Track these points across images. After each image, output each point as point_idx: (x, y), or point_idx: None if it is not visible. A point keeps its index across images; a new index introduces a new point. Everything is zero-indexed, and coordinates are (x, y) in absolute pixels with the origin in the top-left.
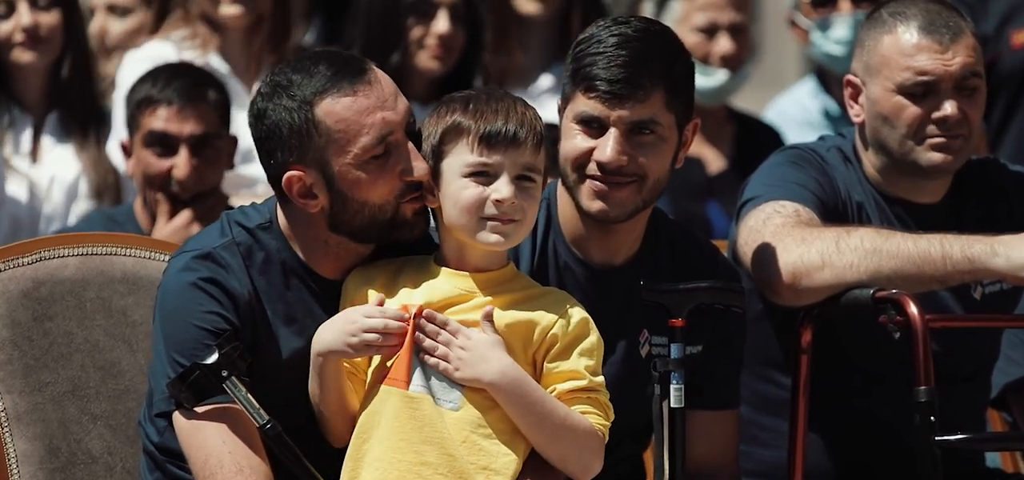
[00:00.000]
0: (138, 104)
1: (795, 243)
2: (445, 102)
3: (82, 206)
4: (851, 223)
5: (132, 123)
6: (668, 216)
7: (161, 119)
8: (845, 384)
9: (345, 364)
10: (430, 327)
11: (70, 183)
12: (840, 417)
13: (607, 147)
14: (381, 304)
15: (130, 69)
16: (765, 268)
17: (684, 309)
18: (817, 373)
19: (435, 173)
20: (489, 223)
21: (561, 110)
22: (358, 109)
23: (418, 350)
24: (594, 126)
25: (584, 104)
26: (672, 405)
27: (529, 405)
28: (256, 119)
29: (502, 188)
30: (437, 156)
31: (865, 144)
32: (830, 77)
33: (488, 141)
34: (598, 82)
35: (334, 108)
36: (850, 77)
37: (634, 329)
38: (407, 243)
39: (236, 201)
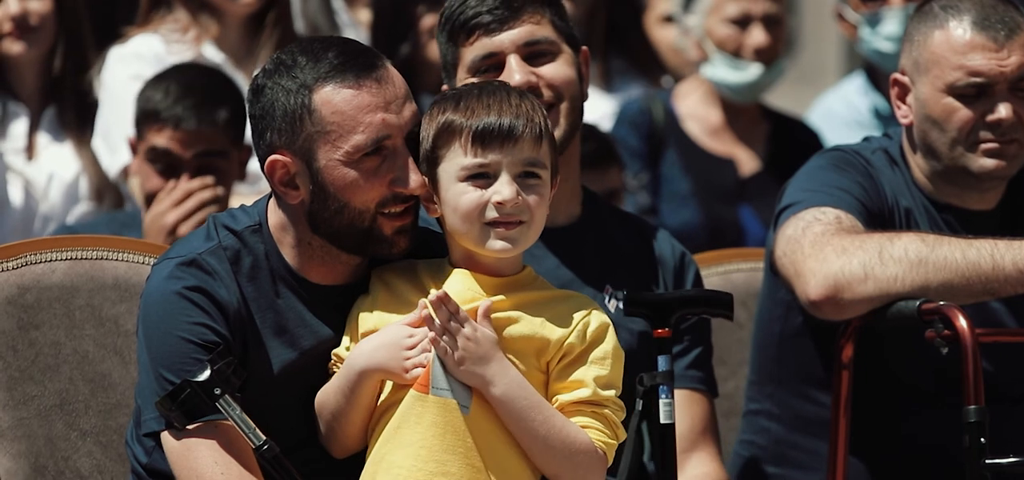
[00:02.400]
0: (146, 114)
1: (835, 253)
2: (437, 101)
3: (82, 208)
4: (899, 230)
5: (139, 128)
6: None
7: (166, 138)
8: (889, 402)
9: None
10: (443, 314)
11: (69, 182)
12: (883, 438)
13: (513, 73)
14: (422, 316)
15: (114, 65)
16: (804, 280)
17: (669, 319)
18: (859, 391)
19: (433, 179)
20: (493, 229)
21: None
22: (358, 104)
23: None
24: (491, 67)
25: (472, 50)
26: (661, 421)
27: (521, 412)
28: (253, 95)
29: (502, 189)
30: (432, 162)
31: (913, 147)
32: (880, 73)
33: (482, 139)
34: (479, 17)
35: (333, 98)
36: (897, 75)
37: (593, 287)
38: (391, 257)
39: (235, 199)
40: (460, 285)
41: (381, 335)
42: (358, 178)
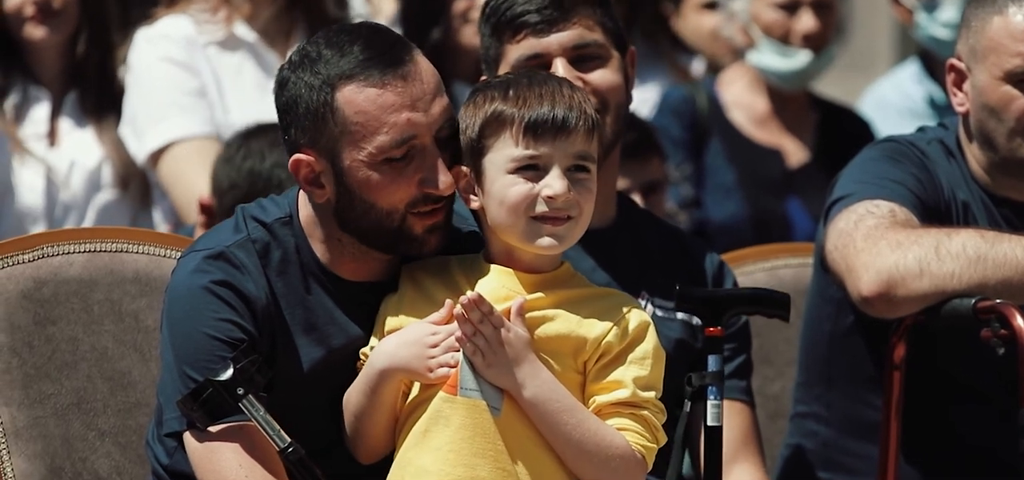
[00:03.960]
0: (251, 196)
1: (890, 248)
2: (481, 89)
3: (106, 196)
4: (956, 225)
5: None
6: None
7: None
8: (942, 404)
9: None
10: (475, 314)
11: (92, 169)
12: (935, 440)
13: (559, 74)
14: (451, 312)
15: (142, 48)
16: (856, 275)
17: (722, 317)
18: (911, 392)
19: (476, 170)
20: (542, 224)
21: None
22: (382, 104)
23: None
24: (536, 68)
25: (518, 49)
26: (709, 424)
27: (552, 415)
28: (278, 87)
29: (554, 183)
30: (477, 152)
31: (969, 136)
32: (936, 60)
33: (534, 130)
34: (526, 16)
35: (356, 97)
36: (954, 61)
37: (629, 291)
38: (422, 256)
39: None
40: (495, 282)
41: (404, 333)
42: (384, 179)
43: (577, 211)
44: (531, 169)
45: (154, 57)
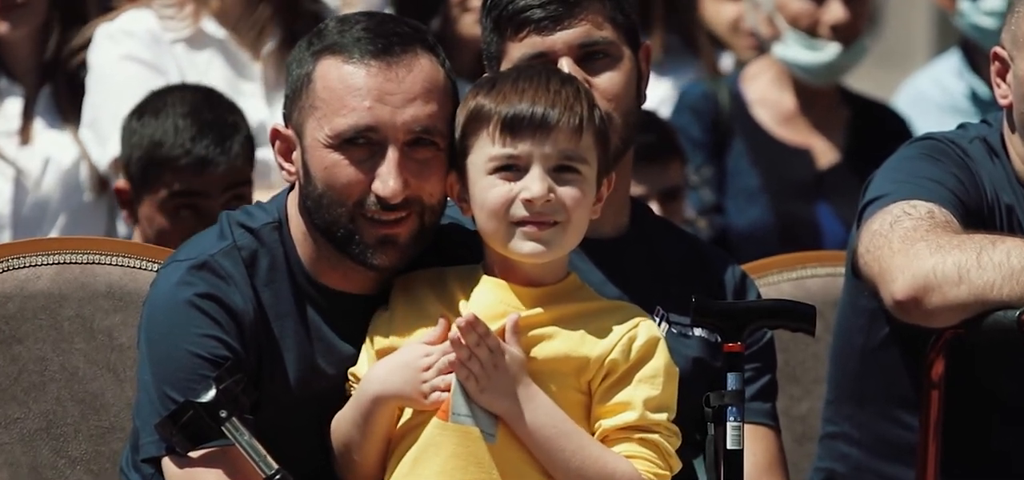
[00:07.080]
0: (154, 162)
1: (929, 250)
2: (474, 84)
3: (80, 199)
4: (999, 230)
5: (144, 180)
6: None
7: (185, 181)
8: (983, 424)
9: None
10: (471, 337)
11: (67, 169)
12: (977, 463)
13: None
14: (446, 330)
15: (103, 45)
16: (891, 277)
17: (742, 332)
18: (949, 411)
19: (462, 173)
20: (519, 229)
21: None
22: (350, 85)
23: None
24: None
25: (520, 47)
26: (729, 447)
27: (550, 442)
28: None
29: (531, 184)
30: (461, 153)
31: (1013, 131)
32: (978, 52)
33: (511, 128)
34: (529, 12)
35: (329, 72)
36: (997, 50)
37: (642, 306)
38: (379, 271)
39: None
40: (492, 296)
41: (395, 357)
42: (336, 165)
43: (563, 215)
44: (510, 169)
45: (116, 55)
